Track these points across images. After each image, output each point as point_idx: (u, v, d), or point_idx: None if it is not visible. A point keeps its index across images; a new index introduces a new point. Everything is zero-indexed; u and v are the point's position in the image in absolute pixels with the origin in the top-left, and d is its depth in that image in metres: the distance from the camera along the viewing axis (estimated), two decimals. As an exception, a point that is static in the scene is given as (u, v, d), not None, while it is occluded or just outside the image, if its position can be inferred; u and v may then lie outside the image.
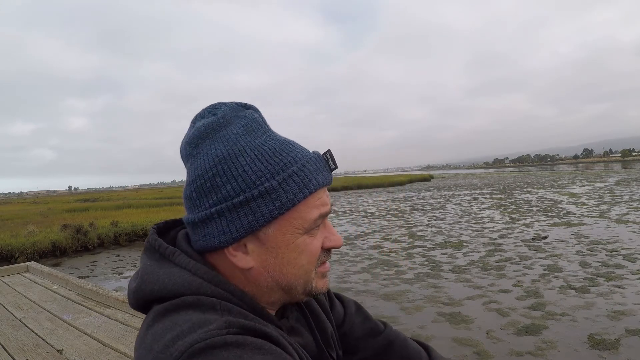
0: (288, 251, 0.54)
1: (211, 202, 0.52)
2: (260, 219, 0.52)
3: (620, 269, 6.33)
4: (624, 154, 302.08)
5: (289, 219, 0.53)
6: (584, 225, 10.56)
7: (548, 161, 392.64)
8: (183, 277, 0.51)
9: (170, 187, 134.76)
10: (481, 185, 35.25)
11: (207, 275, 0.52)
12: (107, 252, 11.44)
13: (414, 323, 4.75)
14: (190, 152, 0.55)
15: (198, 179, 0.53)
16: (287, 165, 0.53)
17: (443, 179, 59.59)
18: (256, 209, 0.52)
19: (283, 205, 0.52)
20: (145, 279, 0.53)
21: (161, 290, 0.51)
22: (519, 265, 6.94)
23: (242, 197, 0.51)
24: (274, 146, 0.54)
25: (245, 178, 0.52)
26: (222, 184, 0.52)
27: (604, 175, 38.82)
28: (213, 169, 0.52)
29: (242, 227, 0.52)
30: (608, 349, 3.79)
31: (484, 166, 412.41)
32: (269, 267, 0.55)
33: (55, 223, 14.27)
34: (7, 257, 10.12)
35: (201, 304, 0.49)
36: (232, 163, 0.52)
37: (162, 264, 0.54)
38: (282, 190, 0.52)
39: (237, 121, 0.55)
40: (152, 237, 0.58)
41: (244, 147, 0.53)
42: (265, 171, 0.52)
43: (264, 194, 0.52)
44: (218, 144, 0.53)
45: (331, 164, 0.58)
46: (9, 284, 4.13)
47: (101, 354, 2.33)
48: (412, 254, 8.50)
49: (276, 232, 0.53)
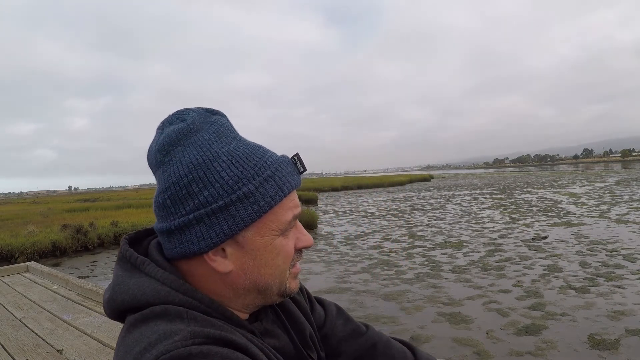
0: (266, 253, 0.56)
1: (188, 208, 0.52)
2: (239, 223, 0.53)
3: (620, 269, 6.33)
4: (624, 154, 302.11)
5: (266, 222, 0.55)
6: (584, 225, 10.56)
7: (548, 161, 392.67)
8: (152, 287, 0.52)
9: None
10: (481, 185, 35.26)
11: (175, 284, 0.52)
12: (107, 252, 11.44)
13: (414, 323, 4.75)
14: (161, 159, 0.54)
15: (172, 186, 0.53)
16: (261, 170, 0.54)
17: (443, 179, 59.61)
18: (235, 214, 0.52)
19: (261, 208, 0.53)
20: (116, 289, 0.54)
21: (132, 301, 0.52)
22: (519, 265, 6.94)
23: (221, 202, 0.52)
24: (246, 151, 0.55)
25: (223, 184, 0.52)
26: (198, 190, 0.52)
27: (604, 175, 38.83)
28: (188, 176, 0.52)
29: (222, 231, 0.52)
30: (608, 349, 3.79)
31: (484, 166, 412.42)
32: (248, 269, 0.56)
33: (55, 223, 14.27)
34: (7, 257, 10.12)
35: (168, 314, 0.50)
36: (208, 169, 0.52)
37: (133, 274, 0.54)
38: (259, 194, 0.53)
39: (207, 127, 0.56)
40: (123, 247, 0.58)
41: (218, 153, 0.53)
42: (242, 176, 0.53)
43: (242, 198, 0.52)
44: (190, 151, 0.53)
45: (300, 167, 0.59)
46: (9, 284, 4.13)
47: (101, 354, 2.33)
48: (412, 254, 8.51)
49: (254, 234, 0.55)
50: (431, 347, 4.12)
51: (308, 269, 7.65)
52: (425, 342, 4.23)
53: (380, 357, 0.75)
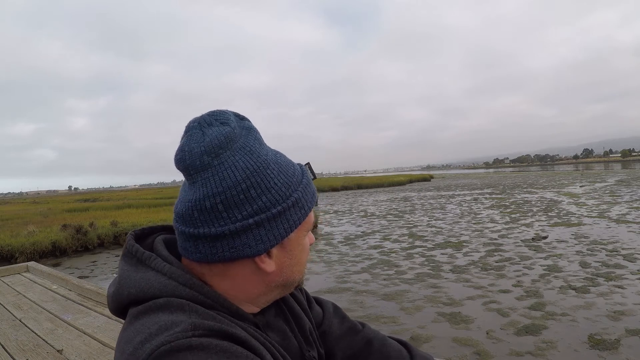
0: (298, 251, 0.61)
1: (245, 213, 0.54)
2: (292, 226, 0.58)
3: (620, 269, 6.33)
4: (624, 154, 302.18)
5: (304, 223, 0.60)
6: (584, 225, 10.56)
7: (548, 161, 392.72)
8: (159, 281, 0.53)
9: (170, 187, 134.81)
10: (481, 185, 35.25)
11: (182, 278, 0.54)
12: (107, 252, 11.44)
13: (414, 323, 4.75)
14: (209, 162, 0.54)
15: (227, 191, 0.53)
16: (299, 178, 0.60)
17: (443, 179, 59.60)
18: (289, 218, 0.57)
19: (306, 212, 0.60)
20: (122, 283, 0.55)
21: (137, 294, 0.53)
22: (519, 265, 6.94)
23: (279, 207, 0.56)
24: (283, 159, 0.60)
25: (278, 190, 0.56)
26: (257, 196, 0.54)
27: (604, 175, 38.82)
28: (247, 181, 0.54)
29: (279, 234, 0.56)
30: (608, 349, 3.79)
31: (484, 166, 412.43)
32: (284, 267, 0.60)
33: (55, 223, 14.27)
34: (7, 257, 10.12)
35: (170, 306, 0.51)
36: (264, 175, 0.55)
37: (139, 269, 0.56)
38: (304, 199, 0.59)
39: (247, 133, 0.58)
40: (129, 242, 0.59)
41: (267, 161, 0.57)
42: (290, 182, 0.58)
43: (295, 203, 0.58)
44: (241, 156, 0.55)
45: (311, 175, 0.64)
46: (9, 284, 4.13)
47: (101, 354, 2.33)
48: (412, 254, 8.51)
49: (295, 235, 0.60)
50: (431, 347, 4.12)
51: (308, 268, 7.62)
52: (425, 342, 4.23)
53: (375, 354, 0.76)
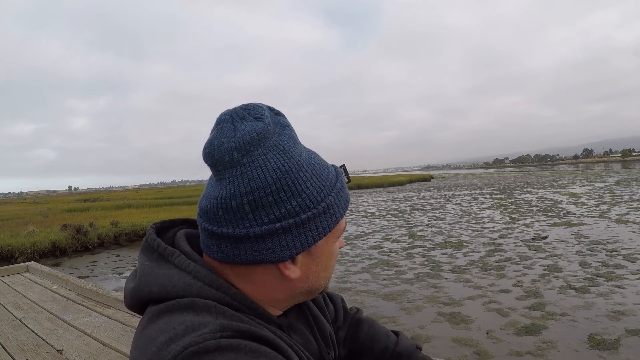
0: (326, 258, 0.58)
1: (272, 217, 0.51)
2: (321, 234, 0.54)
3: (620, 269, 6.33)
4: (624, 154, 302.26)
5: (334, 230, 0.56)
6: (584, 225, 10.56)
7: (548, 161, 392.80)
8: (183, 280, 0.51)
9: (170, 187, 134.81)
10: (481, 185, 35.25)
11: (208, 278, 0.51)
12: (107, 252, 11.44)
13: (414, 323, 4.75)
14: (239, 159, 0.51)
15: (256, 191, 0.50)
16: (333, 182, 0.56)
17: (443, 179, 59.60)
18: (319, 224, 0.53)
19: (337, 219, 0.56)
20: (143, 279, 0.53)
21: (160, 292, 0.51)
22: (519, 265, 6.94)
23: (309, 213, 0.52)
24: (318, 161, 0.56)
25: (309, 194, 0.52)
26: (286, 199, 0.51)
27: (604, 175, 38.82)
28: (277, 183, 0.50)
29: (307, 242, 0.53)
30: (608, 349, 3.79)
31: (484, 166, 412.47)
32: (310, 274, 0.57)
33: (55, 223, 14.26)
34: (7, 257, 10.12)
35: (196, 306, 0.49)
36: (295, 178, 0.52)
37: (160, 265, 0.54)
38: (337, 205, 0.55)
39: (280, 130, 0.54)
40: (150, 236, 0.57)
41: (300, 162, 0.53)
42: (322, 187, 0.54)
43: (326, 210, 0.54)
44: (274, 155, 0.51)
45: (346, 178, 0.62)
46: (9, 284, 4.13)
47: (101, 354, 2.33)
48: (412, 254, 8.51)
49: (323, 241, 0.56)
50: (431, 347, 4.12)
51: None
52: (425, 342, 4.23)
53: (362, 334, 0.78)
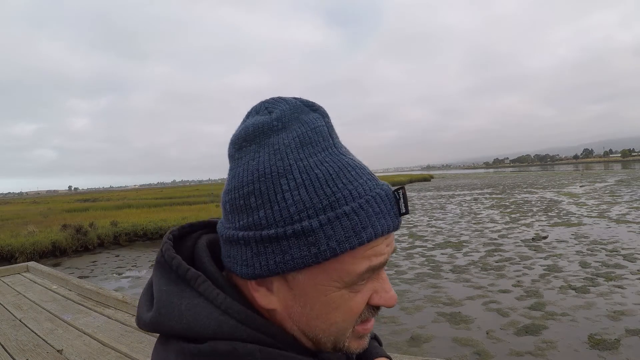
0: (319, 304, 0.44)
1: (240, 223, 0.44)
2: (289, 263, 0.42)
3: (620, 269, 6.33)
4: (624, 154, 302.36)
5: (327, 269, 0.42)
6: (584, 225, 10.56)
7: (548, 161, 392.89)
8: (211, 317, 0.41)
9: (170, 187, 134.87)
10: (481, 185, 35.25)
11: (241, 315, 0.42)
12: (107, 252, 11.44)
13: (414, 323, 4.75)
14: (233, 154, 0.47)
15: (233, 191, 0.45)
16: (339, 202, 0.42)
17: (443, 179, 59.61)
18: (287, 250, 0.41)
19: (320, 253, 0.41)
20: (163, 312, 0.43)
21: (184, 332, 0.41)
22: (519, 265, 6.94)
23: (273, 231, 0.41)
24: (330, 171, 0.43)
25: (283, 208, 0.41)
26: (255, 207, 0.42)
27: (604, 175, 38.82)
28: (250, 185, 0.43)
29: (267, 266, 0.42)
30: (608, 349, 3.79)
31: (484, 166, 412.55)
32: (294, 315, 0.45)
33: (55, 223, 14.27)
34: (7, 257, 10.13)
35: (236, 354, 0.40)
36: (273, 184, 0.42)
37: (182, 292, 0.43)
38: (324, 235, 0.41)
39: (295, 127, 0.45)
40: (168, 252, 0.46)
41: (292, 166, 0.42)
42: (309, 204, 0.41)
43: (299, 234, 0.41)
44: (263, 154, 0.43)
45: (402, 206, 0.45)
46: (9, 284, 4.13)
47: (101, 354, 2.33)
48: (412, 254, 8.50)
49: (307, 280, 0.43)
50: (431, 347, 4.12)
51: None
52: (425, 342, 4.23)
53: None
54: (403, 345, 4.18)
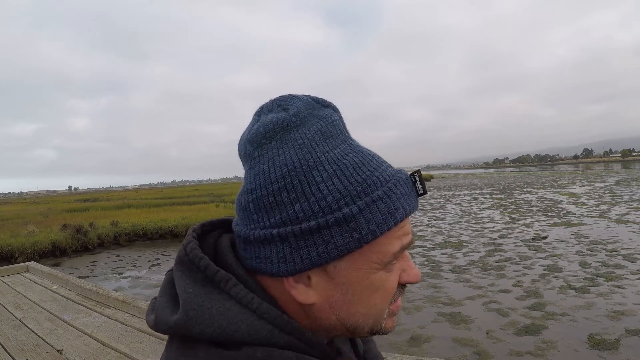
0: (360, 288, 0.45)
1: (273, 220, 0.43)
2: (332, 252, 0.42)
3: (620, 269, 6.34)
4: (624, 154, 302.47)
5: (366, 253, 0.44)
6: (584, 225, 10.56)
7: (548, 161, 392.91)
8: (246, 321, 0.41)
9: (170, 187, 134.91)
10: (481, 185, 35.26)
11: (278, 321, 0.41)
12: (107, 252, 11.44)
13: (414, 323, 4.75)
14: (251, 152, 0.45)
15: (259, 189, 0.43)
16: (371, 187, 0.43)
17: (443, 179, 59.62)
18: (329, 239, 0.42)
19: (363, 237, 0.42)
20: (191, 315, 0.41)
21: (216, 336, 0.40)
22: (519, 265, 6.94)
23: (314, 222, 0.41)
24: (356, 160, 0.44)
25: (320, 199, 0.42)
26: (289, 202, 0.42)
27: (604, 175, 38.83)
28: (280, 181, 0.42)
29: (310, 258, 0.42)
30: (608, 349, 3.80)
31: (484, 166, 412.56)
32: (335, 304, 0.45)
33: (55, 223, 14.27)
34: (7, 257, 10.13)
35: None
36: (305, 177, 0.42)
37: (211, 294, 0.42)
38: (364, 219, 0.42)
39: (313, 122, 0.45)
40: (193, 251, 0.44)
41: (321, 158, 0.43)
42: (345, 192, 0.42)
43: (342, 221, 0.42)
44: (288, 149, 0.43)
45: (419, 187, 0.48)
46: (9, 284, 4.13)
47: (101, 354, 2.33)
48: (412, 254, 8.51)
49: (349, 266, 0.44)
50: (431, 347, 4.12)
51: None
52: (425, 342, 4.23)
53: None
54: (403, 345, 4.18)
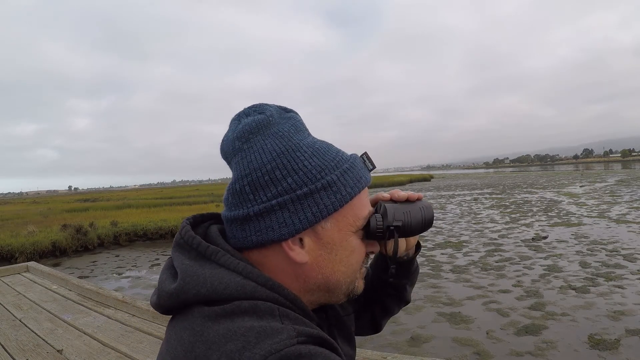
0: (342, 249, 0.56)
1: (269, 195, 0.52)
2: (323, 211, 0.53)
3: (620, 269, 6.33)
4: (624, 154, 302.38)
5: (345, 215, 0.55)
6: (584, 225, 10.56)
7: (548, 161, 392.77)
8: (234, 280, 0.49)
9: (170, 187, 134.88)
10: (481, 185, 35.25)
11: (261, 279, 0.50)
12: (107, 252, 11.44)
13: (414, 323, 4.75)
14: (240, 146, 0.55)
15: (253, 172, 0.53)
16: (340, 162, 0.56)
17: (443, 179, 59.60)
18: (319, 201, 0.53)
19: (343, 197, 0.54)
20: (188, 280, 0.49)
21: (209, 294, 0.48)
22: (519, 265, 6.94)
23: (306, 189, 0.52)
24: (323, 145, 0.57)
25: (307, 172, 0.53)
26: (282, 177, 0.52)
27: (604, 175, 38.81)
28: (272, 162, 0.53)
29: (306, 218, 0.52)
30: (608, 349, 3.80)
31: (484, 166, 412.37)
32: (322, 263, 0.55)
33: (55, 223, 14.27)
34: (7, 257, 10.12)
35: (258, 310, 0.47)
36: (292, 157, 0.53)
37: (203, 264, 0.51)
38: (341, 184, 0.54)
39: (285, 121, 0.57)
40: (187, 234, 0.54)
41: (299, 144, 0.55)
42: (324, 166, 0.54)
43: (326, 186, 0.53)
44: (272, 140, 0.54)
45: (369, 164, 0.61)
46: (9, 284, 4.13)
47: (101, 354, 2.33)
48: (412, 254, 8.51)
49: (333, 227, 0.55)
50: (431, 347, 4.12)
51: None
52: (425, 342, 4.23)
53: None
54: (403, 345, 4.18)
